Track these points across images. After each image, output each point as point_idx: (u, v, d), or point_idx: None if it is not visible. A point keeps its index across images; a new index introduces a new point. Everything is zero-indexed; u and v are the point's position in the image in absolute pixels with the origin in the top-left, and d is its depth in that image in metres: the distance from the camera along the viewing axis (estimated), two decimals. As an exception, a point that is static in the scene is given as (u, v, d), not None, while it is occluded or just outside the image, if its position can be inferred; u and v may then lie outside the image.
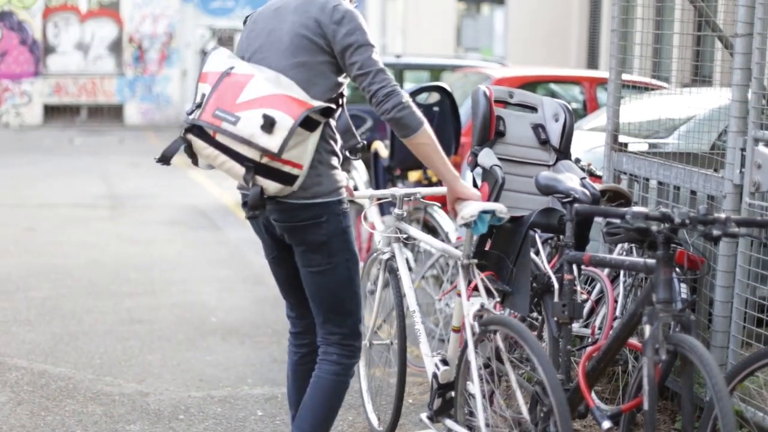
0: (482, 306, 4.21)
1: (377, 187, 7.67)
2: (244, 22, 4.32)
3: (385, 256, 5.08)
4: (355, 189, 8.17)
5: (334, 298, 4.18)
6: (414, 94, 7.15)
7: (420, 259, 7.24)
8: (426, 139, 4.02)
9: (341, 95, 4.09)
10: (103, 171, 16.00)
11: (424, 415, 4.68)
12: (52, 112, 23.89)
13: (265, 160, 3.87)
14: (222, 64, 4.06)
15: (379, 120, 9.01)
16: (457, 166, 8.24)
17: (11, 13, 23.51)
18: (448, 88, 7.29)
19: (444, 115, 7.18)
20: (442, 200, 6.75)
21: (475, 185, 4.66)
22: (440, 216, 7.02)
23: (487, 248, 4.53)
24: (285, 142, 3.80)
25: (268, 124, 3.81)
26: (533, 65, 17.25)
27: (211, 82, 4.00)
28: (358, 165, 8.19)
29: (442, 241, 6.79)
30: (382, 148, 7.55)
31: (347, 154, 4.28)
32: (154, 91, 23.98)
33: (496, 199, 4.43)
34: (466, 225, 4.18)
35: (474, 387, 4.04)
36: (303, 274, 4.22)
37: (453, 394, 4.47)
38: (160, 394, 5.88)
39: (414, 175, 7.20)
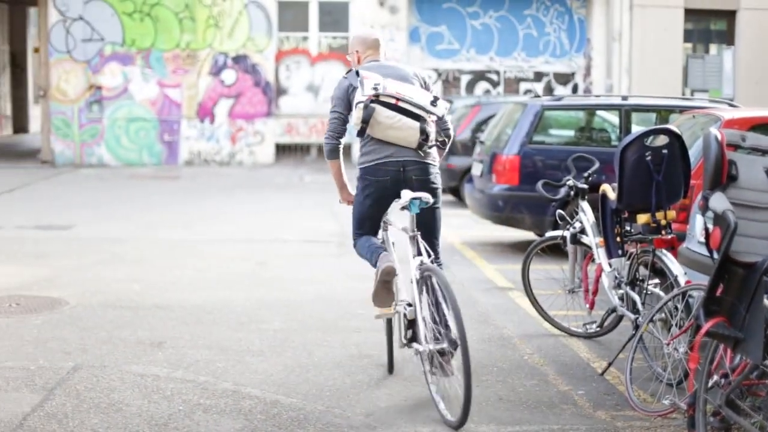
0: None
1: (604, 230, 7.64)
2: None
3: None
4: (582, 232, 8.17)
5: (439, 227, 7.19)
6: (643, 136, 7.12)
7: (648, 301, 7.17)
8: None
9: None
10: (332, 208, 16.38)
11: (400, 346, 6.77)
12: (283, 150, 24.69)
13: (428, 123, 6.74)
14: (376, 76, 6.75)
15: (605, 162, 8.97)
16: (687, 209, 8.12)
17: (246, 56, 24.47)
18: (677, 131, 7.22)
19: (673, 157, 7.10)
20: (670, 244, 6.65)
21: (706, 230, 4.62)
22: (669, 260, 6.95)
23: (718, 293, 4.47)
24: (444, 111, 6.78)
25: (435, 101, 6.72)
26: (763, 106, 16.77)
27: (376, 80, 6.68)
28: (585, 207, 8.18)
29: (672, 285, 6.74)
30: (609, 190, 7.52)
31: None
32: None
33: (728, 245, 4.37)
34: (404, 208, 6.71)
35: None
36: (426, 211, 6.75)
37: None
38: (387, 428, 6.01)
39: (642, 218, 7.14)
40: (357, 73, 6.79)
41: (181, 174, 22.44)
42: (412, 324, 6.58)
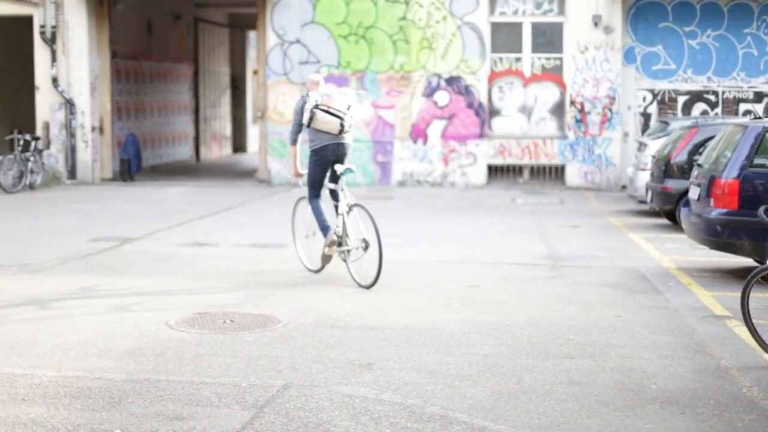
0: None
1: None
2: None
3: None
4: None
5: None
6: None
7: None
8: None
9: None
10: (543, 231, 16.21)
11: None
12: (495, 172, 24.61)
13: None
14: (317, 96, 11.67)
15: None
16: None
17: (459, 78, 24.50)
18: None
19: None
20: None
21: None
22: None
23: None
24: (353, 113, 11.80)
25: (349, 108, 11.65)
26: None
27: (316, 98, 11.66)
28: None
29: None
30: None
31: None
32: (595, 153, 24.10)
33: None
34: (341, 173, 11.47)
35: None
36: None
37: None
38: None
39: None
40: (306, 96, 12.00)
41: (394, 194, 22.62)
42: (340, 238, 11.62)
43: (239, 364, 7.87)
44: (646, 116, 24.46)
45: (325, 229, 11.76)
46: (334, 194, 11.95)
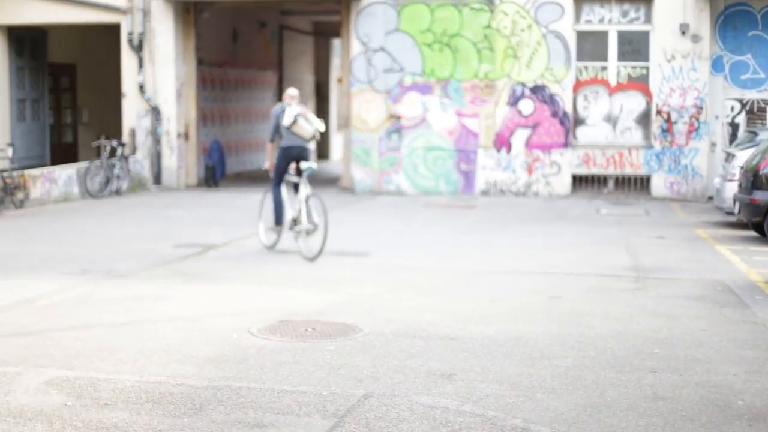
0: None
1: None
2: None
3: None
4: None
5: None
6: None
7: None
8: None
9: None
10: (628, 242, 16.01)
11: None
12: (579, 182, 24.39)
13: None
14: (297, 108, 14.65)
15: None
16: None
17: (544, 86, 24.33)
18: None
19: None
20: None
21: None
22: None
23: None
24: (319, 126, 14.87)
25: (315, 120, 14.77)
26: None
27: (296, 110, 14.54)
28: None
29: None
30: None
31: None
32: (681, 163, 23.77)
33: None
34: (303, 169, 14.46)
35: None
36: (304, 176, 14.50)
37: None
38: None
39: None
40: (285, 107, 14.77)
41: (477, 203, 22.54)
42: (295, 220, 14.42)
43: (320, 373, 7.87)
44: (733, 126, 24.07)
45: (278, 216, 14.78)
46: (296, 187, 14.66)
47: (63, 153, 28.82)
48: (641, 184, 24.28)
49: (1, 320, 9.85)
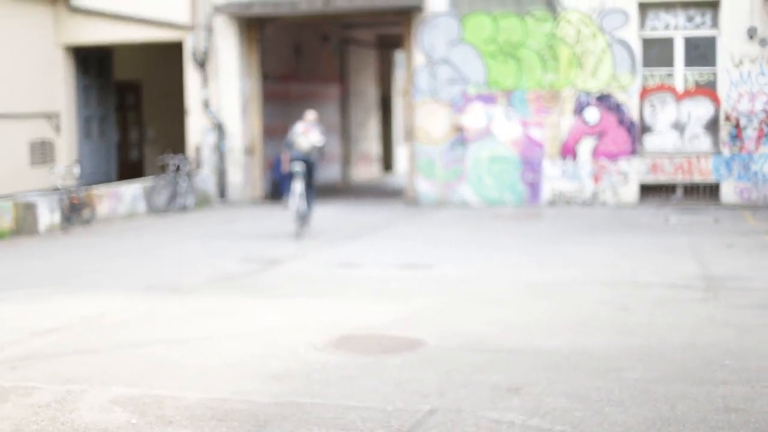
0: None
1: None
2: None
3: None
4: None
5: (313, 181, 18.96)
6: None
7: None
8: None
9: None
10: (697, 251, 15.76)
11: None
12: (647, 190, 24.09)
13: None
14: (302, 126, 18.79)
15: None
16: None
17: (609, 95, 24.09)
18: None
19: None
20: None
21: None
22: None
23: None
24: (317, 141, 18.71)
25: (315, 136, 18.95)
26: None
27: (303, 126, 18.74)
28: None
29: None
30: None
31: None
32: (751, 170, 23.39)
33: None
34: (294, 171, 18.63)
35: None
36: (307, 174, 18.67)
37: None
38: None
39: None
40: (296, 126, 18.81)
41: (543, 214, 22.36)
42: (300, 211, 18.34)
43: (385, 388, 7.81)
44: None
45: (290, 198, 18.68)
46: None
47: (129, 170, 29.12)
48: (710, 191, 23.94)
49: (67, 337, 9.91)
